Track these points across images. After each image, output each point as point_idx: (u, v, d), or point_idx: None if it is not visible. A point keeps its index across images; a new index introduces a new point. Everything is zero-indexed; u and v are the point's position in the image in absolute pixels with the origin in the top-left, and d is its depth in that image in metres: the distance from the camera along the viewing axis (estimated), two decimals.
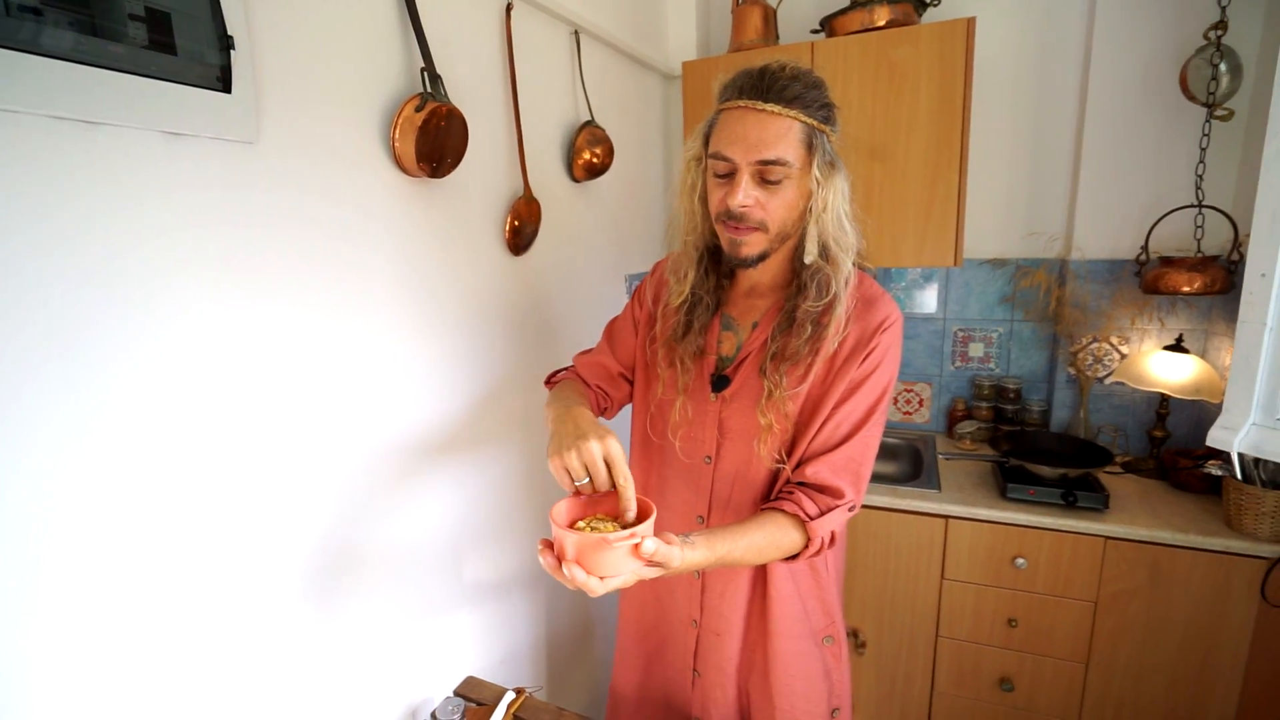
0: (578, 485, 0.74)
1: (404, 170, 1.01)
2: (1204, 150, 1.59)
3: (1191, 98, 1.56)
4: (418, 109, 0.97)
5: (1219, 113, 1.54)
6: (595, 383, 1.04)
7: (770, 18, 1.85)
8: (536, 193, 1.32)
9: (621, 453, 0.74)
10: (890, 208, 1.68)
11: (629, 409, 1.09)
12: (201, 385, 0.75)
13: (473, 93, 1.14)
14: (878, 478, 1.65)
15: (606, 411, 1.06)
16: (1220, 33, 1.49)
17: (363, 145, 0.95)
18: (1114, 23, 1.67)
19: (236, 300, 0.78)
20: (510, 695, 1.11)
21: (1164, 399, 1.73)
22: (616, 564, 0.67)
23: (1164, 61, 1.63)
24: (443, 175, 1.04)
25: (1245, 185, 1.58)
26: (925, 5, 1.70)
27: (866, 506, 1.66)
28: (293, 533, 0.88)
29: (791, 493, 0.87)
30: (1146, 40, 1.64)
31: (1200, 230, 1.62)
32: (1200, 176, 1.61)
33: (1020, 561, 1.54)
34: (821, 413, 0.87)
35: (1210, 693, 1.44)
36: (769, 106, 0.80)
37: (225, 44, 0.72)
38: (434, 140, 0.99)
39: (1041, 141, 1.84)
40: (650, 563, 0.69)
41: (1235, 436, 1.26)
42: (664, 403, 0.99)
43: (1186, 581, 1.42)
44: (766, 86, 0.80)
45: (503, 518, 1.34)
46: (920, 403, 2.11)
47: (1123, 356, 1.79)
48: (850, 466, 0.87)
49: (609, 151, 1.55)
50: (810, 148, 0.82)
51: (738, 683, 1.02)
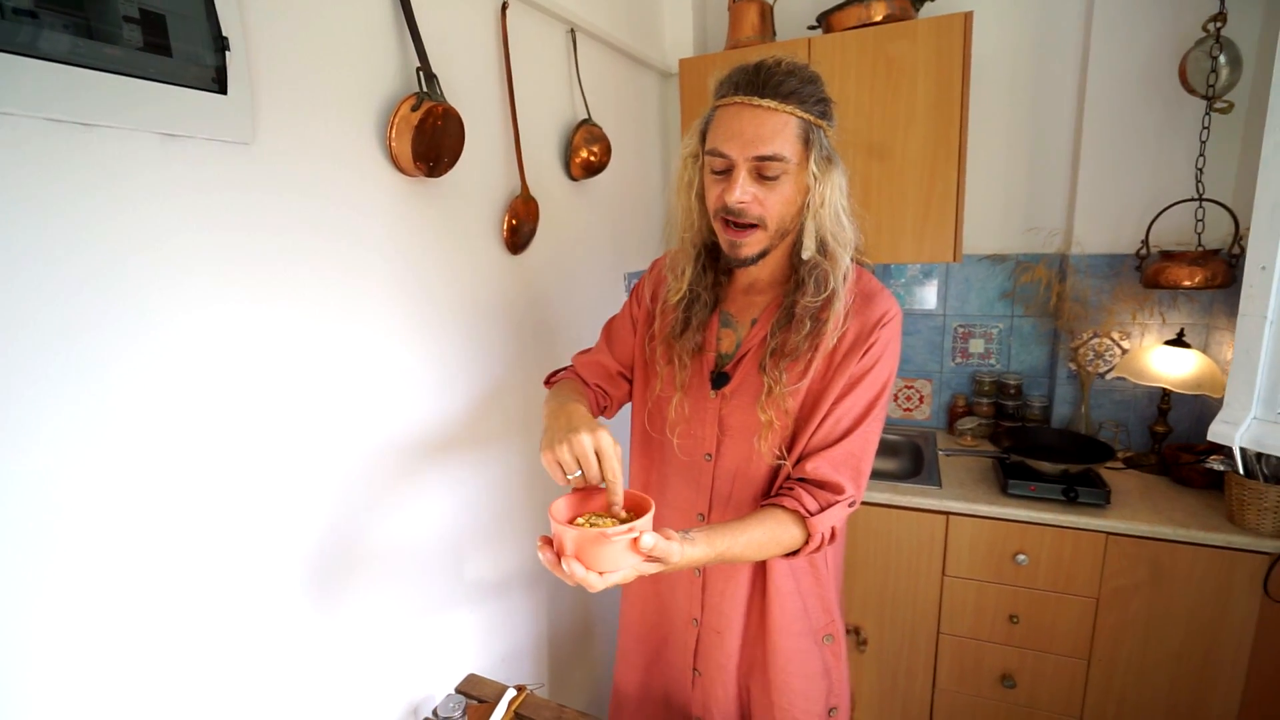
0: (570, 479, 0.74)
1: (401, 170, 1.01)
2: (1204, 143, 1.58)
3: (1191, 90, 1.55)
4: (414, 108, 0.97)
5: (1219, 105, 1.53)
6: (594, 382, 1.04)
7: (767, 14, 1.85)
8: (534, 191, 1.32)
9: (612, 445, 0.74)
10: (889, 204, 1.68)
11: (629, 408, 1.09)
12: (201, 386, 0.75)
13: (469, 92, 1.14)
14: (878, 475, 1.64)
15: (606, 410, 1.06)
16: (1219, 25, 1.48)
17: (359, 145, 0.95)
18: (1112, 15, 1.66)
19: (234, 300, 0.78)
20: (511, 693, 1.11)
21: (1165, 394, 1.72)
22: (615, 559, 0.67)
23: (1163, 54, 1.62)
24: (439, 175, 1.05)
25: (1245, 178, 1.57)
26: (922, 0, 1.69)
27: (867, 503, 1.66)
28: (294, 532, 0.88)
29: (792, 488, 0.87)
30: (1145, 33, 1.64)
31: (1201, 224, 1.61)
32: (1200, 170, 1.60)
33: (1021, 558, 1.54)
34: (821, 408, 0.87)
35: (1212, 688, 1.44)
36: (765, 102, 0.79)
37: (220, 45, 0.72)
38: (430, 140, 0.99)
39: (1040, 136, 1.83)
40: (649, 558, 0.69)
41: (1237, 431, 1.26)
42: (662, 400, 0.99)
43: (1188, 577, 1.42)
44: (762, 82, 0.80)
45: (503, 516, 1.34)
46: (921, 399, 2.11)
47: (1124, 351, 1.78)
48: (850, 462, 0.87)
49: (606, 150, 1.55)
50: (807, 143, 0.82)
51: (738, 681, 1.02)
